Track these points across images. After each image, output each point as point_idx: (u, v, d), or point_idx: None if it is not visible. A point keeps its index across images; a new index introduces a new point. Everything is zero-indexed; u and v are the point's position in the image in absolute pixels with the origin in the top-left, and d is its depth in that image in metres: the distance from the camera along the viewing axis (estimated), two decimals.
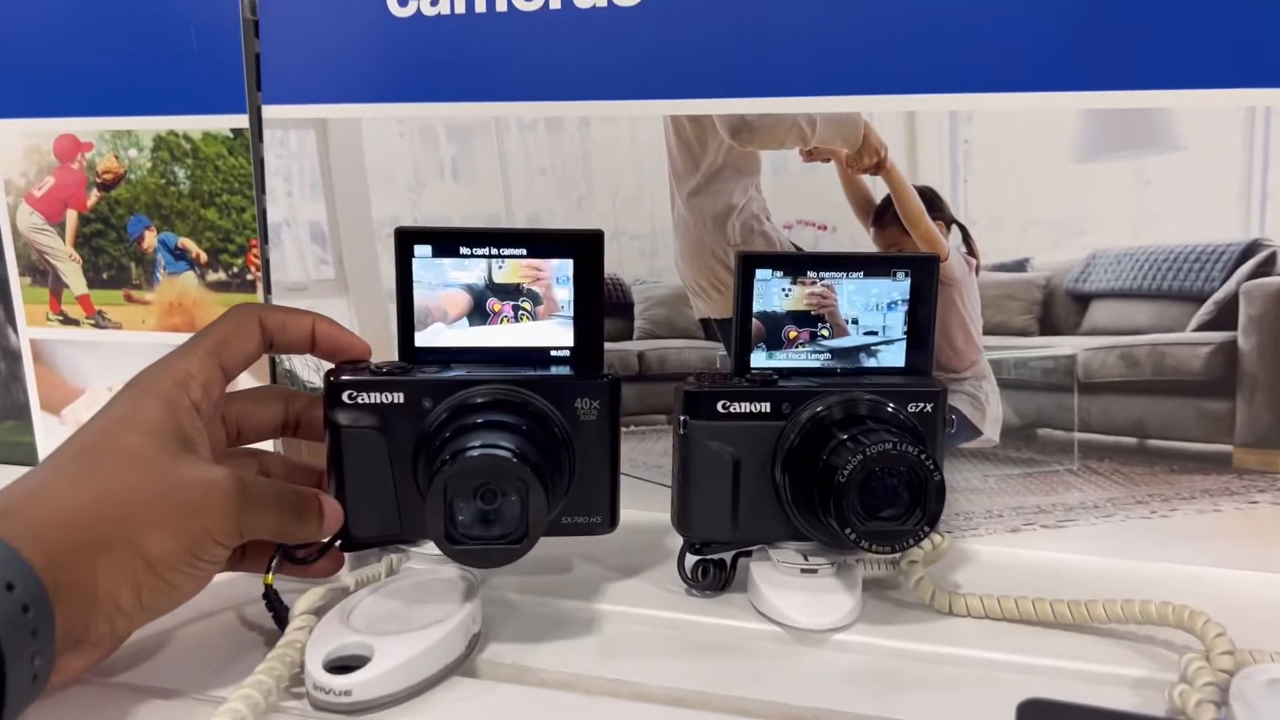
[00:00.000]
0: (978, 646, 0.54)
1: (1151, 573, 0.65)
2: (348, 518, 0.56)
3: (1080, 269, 0.65)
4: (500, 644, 0.55)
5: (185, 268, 0.83)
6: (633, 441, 0.75)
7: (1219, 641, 0.50)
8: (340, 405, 0.56)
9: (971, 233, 0.66)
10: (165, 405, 0.50)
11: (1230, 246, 0.62)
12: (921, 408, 0.58)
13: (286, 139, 0.78)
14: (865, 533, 0.53)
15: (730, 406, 0.58)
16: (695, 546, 0.61)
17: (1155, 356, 0.65)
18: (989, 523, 0.69)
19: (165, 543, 0.46)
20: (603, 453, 0.59)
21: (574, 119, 0.71)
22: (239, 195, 0.81)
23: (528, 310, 0.61)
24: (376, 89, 0.76)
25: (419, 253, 0.59)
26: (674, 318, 0.73)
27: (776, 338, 0.61)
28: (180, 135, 0.81)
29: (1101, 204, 0.63)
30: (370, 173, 0.77)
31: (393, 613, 0.53)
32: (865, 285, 0.61)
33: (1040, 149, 0.64)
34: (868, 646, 0.55)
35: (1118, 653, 0.54)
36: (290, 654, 0.49)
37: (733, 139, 0.68)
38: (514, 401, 0.56)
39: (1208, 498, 0.65)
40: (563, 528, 0.59)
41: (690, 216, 0.71)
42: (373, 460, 0.57)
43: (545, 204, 0.73)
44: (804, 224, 0.69)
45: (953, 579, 0.64)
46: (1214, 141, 0.61)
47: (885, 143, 0.66)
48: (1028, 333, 0.67)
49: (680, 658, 0.54)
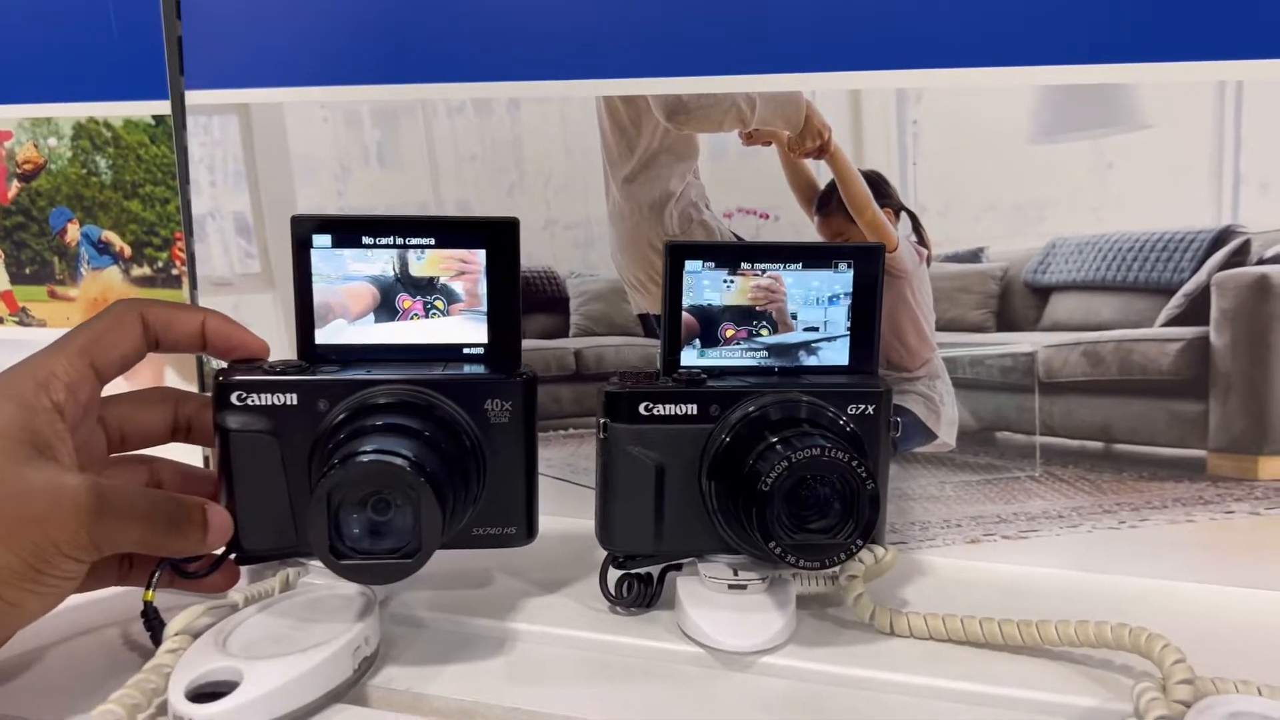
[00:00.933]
0: (917, 671, 0.50)
1: (1120, 587, 0.60)
2: (238, 529, 0.52)
3: (1039, 259, 0.60)
4: (398, 667, 0.51)
5: (109, 262, 0.79)
6: (571, 445, 0.71)
7: (1177, 669, 0.45)
8: (229, 408, 0.52)
9: (922, 220, 0.61)
10: (19, 408, 0.46)
11: (1200, 234, 0.57)
12: (862, 410, 0.54)
13: (210, 125, 0.74)
14: (791, 546, 0.49)
15: (654, 408, 0.54)
16: (619, 560, 0.56)
17: (1121, 354, 0.60)
18: (946, 533, 0.64)
19: (2, 557, 0.41)
20: (517, 459, 0.55)
21: (503, 100, 0.67)
22: (162, 186, 0.77)
23: (440, 309, 0.56)
24: (300, 72, 0.71)
25: (317, 243, 0.55)
26: (611, 313, 0.69)
27: (713, 334, 0.57)
28: (101, 123, 0.77)
29: (1061, 188, 0.59)
30: (294, 160, 0.73)
31: (276, 633, 0.49)
32: (805, 278, 0.56)
33: (995, 129, 0.59)
34: (796, 670, 0.50)
35: (1070, 679, 0.49)
36: (153, 680, 0.45)
37: (668, 121, 0.64)
38: (416, 403, 0.52)
39: (1180, 507, 0.60)
40: (473, 540, 0.55)
41: (626, 205, 0.66)
42: (264, 467, 0.52)
43: (475, 192, 0.69)
44: (745, 212, 0.64)
45: (903, 594, 0.59)
46: (1182, 119, 0.56)
47: (829, 124, 0.61)
48: (984, 328, 0.62)
49: (592, 683, 0.50)
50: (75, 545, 0.43)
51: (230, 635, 0.48)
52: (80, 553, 0.44)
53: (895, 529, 0.65)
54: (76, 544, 0.43)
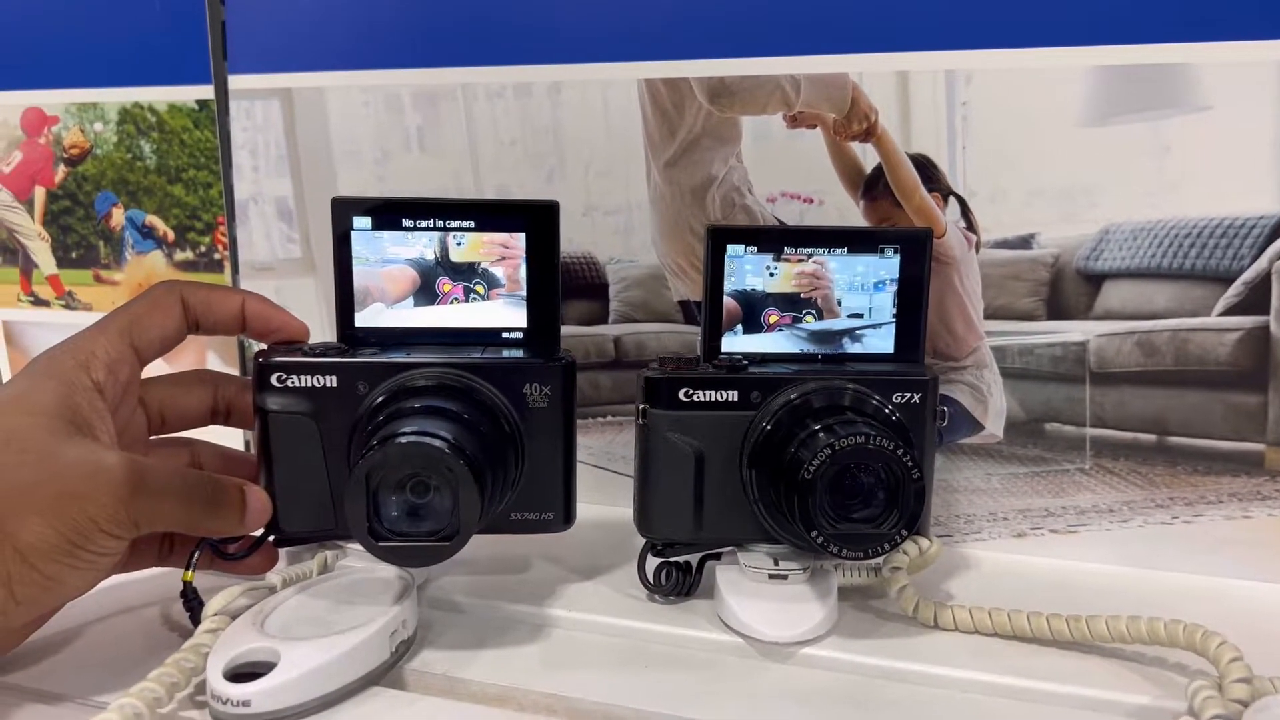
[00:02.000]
0: (962, 666, 0.49)
1: (1171, 584, 0.59)
2: (277, 510, 0.52)
3: (1092, 246, 0.59)
4: (434, 651, 0.51)
5: (153, 246, 0.80)
6: (610, 433, 0.70)
7: (1234, 667, 0.43)
8: (269, 389, 0.52)
9: (971, 205, 0.60)
10: (61, 386, 0.46)
11: (1261, 220, 0.55)
12: (907, 398, 0.53)
13: (252, 110, 0.74)
14: (834, 535, 0.48)
15: (694, 394, 0.53)
16: (657, 548, 0.55)
17: (1177, 344, 0.58)
18: (993, 526, 0.63)
19: (40, 531, 0.42)
20: (555, 444, 0.54)
21: (544, 84, 0.66)
22: (205, 170, 0.77)
23: (480, 293, 0.56)
24: (342, 56, 0.71)
25: (358, 225, 0.54)
26: (651, 300, 0.68)
27: (755, 320, 0.56)
28: (145, 107, 0.77)
29: (1115, 172, 0.57)
30: (335, 145, 0.73)
31: (313, 615, 0.49)
32: (850, 263, 0.55)
33: (1046, 112, 0.57)
34: (838, 662, 0.49)
35: (1121, 676, 0.48)
36: (192, 659, 0.45)
37: (711, 104, 0.63)
38: (455, 386, 0.52)
39: (1236, 502, 0.59)
40: (511, 524, 0.54)
41: (667, 189, 0.65)
42: (304, 448, 0.52)
43: (515, 176, 0.68)
44: (788, 197, 0.63)
45: (947, 588, 0.58)
46: (1242, 101, 0.54)
47: (876, 106, 0.60)
48: (1034, 317, 0.61)
49: (628, 671, 0.49)
50: (113, 522, 0.43)
51: (268, 616, 0.48)
52: (118, 529, 0.44)
53: (940, 521, 0.64)
54: (115, 520, 0.43)
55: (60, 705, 0.45)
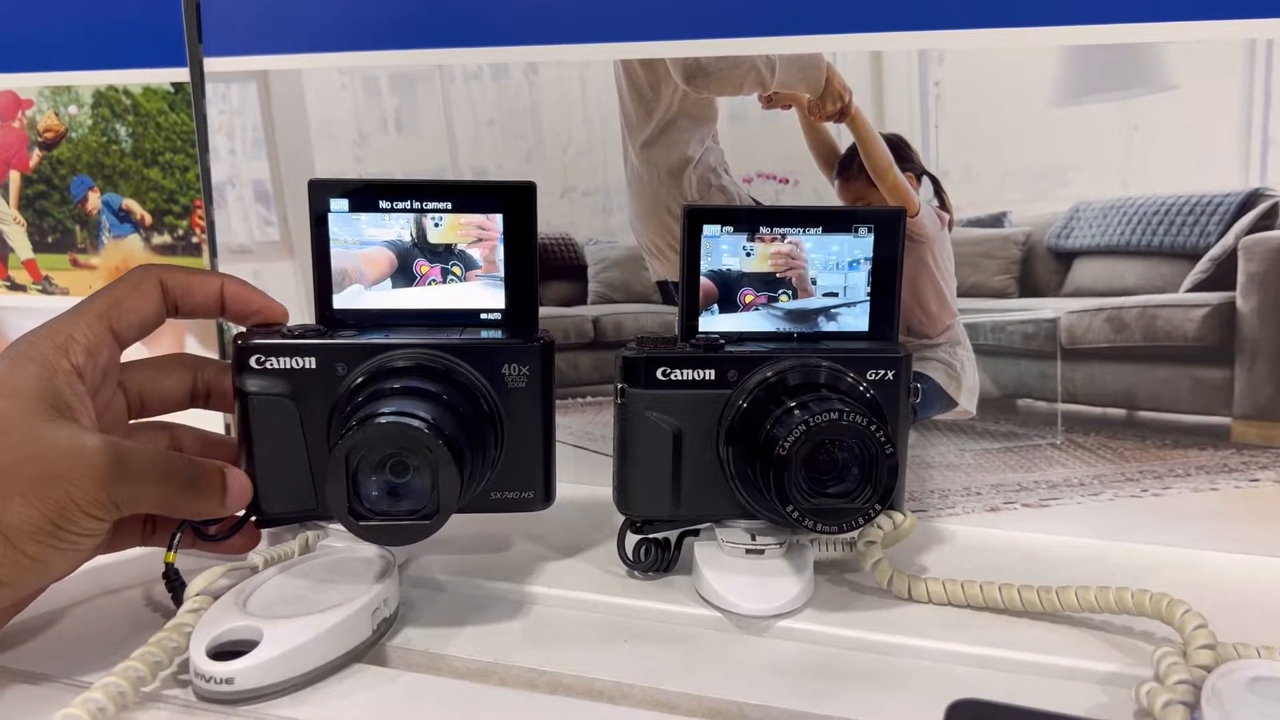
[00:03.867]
0: (935, 637, 0.50)
1: (1143, 556, 0.60)
2: (258, 491, 0.53)
3: (1062, 224, 0.59)
4: (416, 628, 0.51)
5: (130, 230, 0.80)
6: (589, 413, 0.71)
7: (1198, 634, 0.45)
8: (248, 371, 0.52)
9: (944, 184, 0.60)
10: (41, 369, 0.46)
11: (1228, 197, 0.56)
12: (881, 375, 0.53)
13: (228, 93, 0.74)
14: (809, 510, 0.49)
15: (671, 373, 0.53)
16: (636, 525, 0.56)
17: (1145, 320, 0.59)
18: (966, 501, 0.64)
19: (23, 512, 0.42)
20: (534, 423, 0.54)
21: (520, 65, 0.66)
22: (181, 154, 0.77)
23: (457, 275, 0.56)
24: (318, 38, 0.71)
25: (335, 207, 0.55)
26: (630, 280, 0.68)
27: (731, 300, 0.56)
28: (120, 90, 0.77)
29: (1085, 151, 0.58)
30: (313, 127, 0.72)
31: (295, 594, 0.49)
32: (824, 242, 0.56)
33: (1018, 91, 0.58)
34: (813, 635, 0.50)
35: (1089, 645, 0.49)
36: (174, 639, 0.46)
37: (687, 85, 0.63)
38: (433, 367, 0.52)
39: (1204, 475, 0.60)
40: (492, 503, 0.55)
41: (644, 170, 0.66)
42: (283, 430, 0.53)
43: (492, 158, 0.68)
44: (764, 177, 0.63)
45: (922, 562, 0.59)
46: (1209, 80, 0.55)
47: (850, 87, 0.61)
48: (1006, 294, 0.61)
49: (608, 645, 0.50)
50: (94, 503, 0.44)
51: (250, 596, 0.48)
52: (99, 511, 0.44)
53: (915, 497, 0.64)
54: (96, 502, 0.44)
55: (45, 685, 0.45)
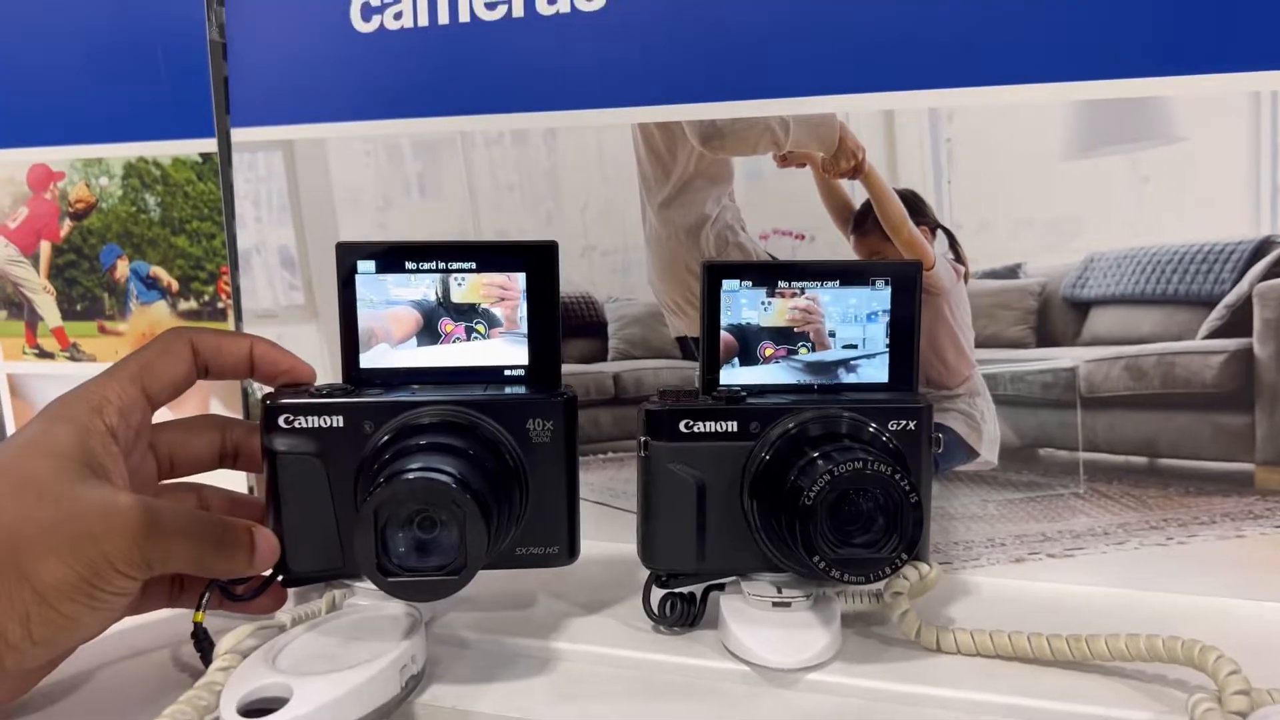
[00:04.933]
0: (965, 687, 0.49)
1: (1169, 605, 0.59)
2: (285, 550, 0.53)
3: (1077, 274, 0.60)
4: (444, 685, 0.51)
5: (157, 297, 0.81)
6: (610, 469, 0.71)
7: (1232, 680, 0.44)
8: (276, 430, 0.53)
9: (958, 237, 0.61)
10: (75, 430, 0.47)
11: (1240, 245, 0.57)
12: (903, 425, 0.54)
13: (255, 162, 0.76)
14: (836, 560, 0.49)
15: (694, 426, 0.54)
16: (661, 579, 0.56)
17: (1163, 367, 0.59)
18: (990, 552, 0.64)
19: (58, 571, 0.42)
20: (559, 478, 0.55)
21: (540, 131, 0.68)
22: (208, 221, 0.79)
23: (481, 332, 0.57)
24: (342, 107, 0.73)
25: (362, 269, 0.56)
26: (649, 337, 0.69)
27: (751, 353, 0.57)
28: (150, 161, 0.79)
29: (1097, 202, 0.59)
30: (337, 193, 0.74)
31: (324, 652, 0.49)
32: (842, 295, 0.57)
33: (1028, 145, 0.59)
34: (842, 687, 0.50)
35: (1121, 693, 0.48)
36: (205, 697, 0.46)
37: (703, 146, 0.65)
38: (459, 423, 0.53)
39: (1229, 522, 0.60)
40: (517, 559, 0.55)
41: (662, 229, 0.67)
42: (311, 489, 0.53)
43: (514, 221, 0.70)
44: (780, 234, 0.65)
45: (948, 614, 0.58)
46: (1217, 131, 0.56)
47: (863, 144, 0.62)
48: (1023, 344, 0.62)
49: (635, 699, 0.50)
50: (128, 562, 0.44)
51: (280, 653, 0.49)
52: (132, 569, 0.45)
53: (939, 549, 0.64)
54: (129, 560, 0.44)
55: None
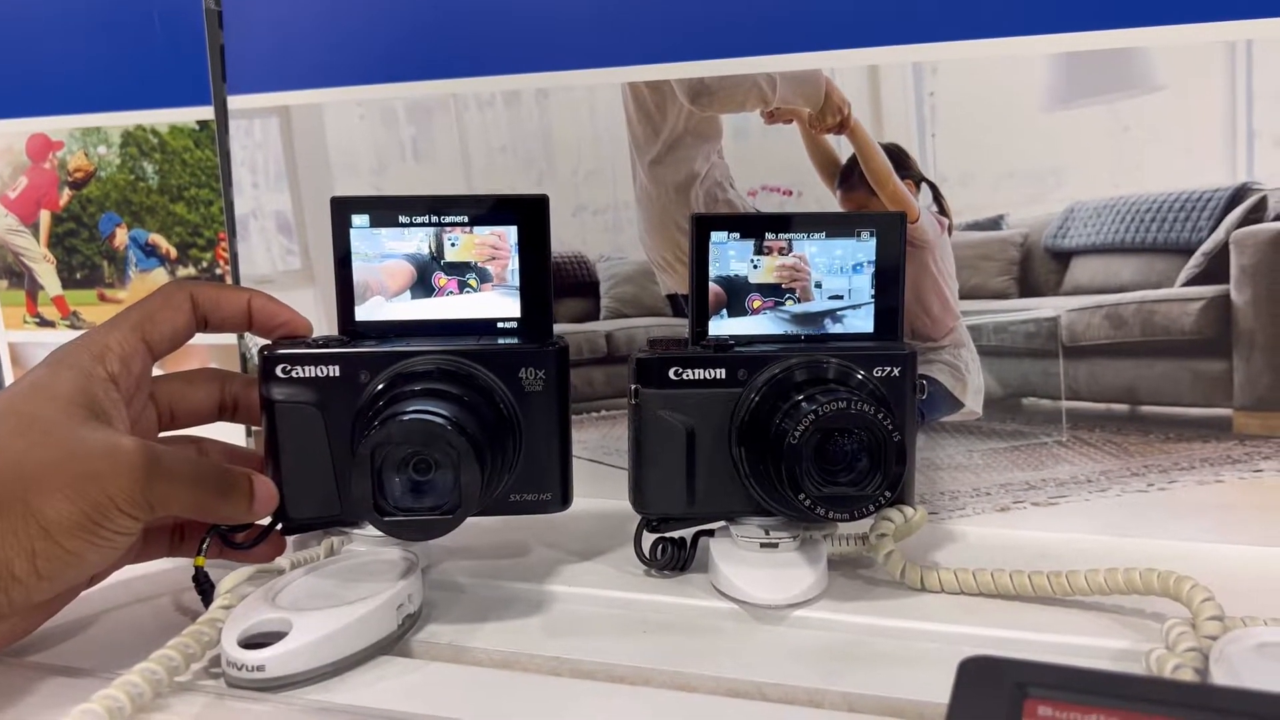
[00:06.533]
0: (947, 621, 0.51)
1: (1151, 550, 0.61)
2: (284, 498, 0.54)
3: (1059, 224, 0.61)
4: (440, 625, 0.52)
5: (156, 264, 0.82)
6: (604, 427, 0.72)
7: (1206, 606, 0.46)
8: (274, 380, 0.54)
9: (942, 190, 0.63)
10: (78, 375, 0.48)
11: (1217, 192, 0.58)
12: (888, 372, 0.55)
13: (251, 128, 0.77)
14: (820, 498, 0.50)
15: (683, 373, 0.55)
16: (652, 524, 0.57)
17: (1143, 315, 0.61)
18: (976, 501, 0.65)
19: (63, 508, 0.43)
20: (551, 425, 0.56)
21: (531, 92, 0.69)
22: (206, 188, 0.80)
23: (473, 286, 0.58)
24: (337, 72, 0.74)
25: (356, 223, 0.57)
26: (641, 295, 0.70)
27: (739, 305, 0.58)
28: (148, 130, 0.80)
29: (1078, 153, 0.60)
30: (333, 158, 0.75)
31: (323, 591, 0.50)
32: (828, 246, 0.58)
33: (1010, 98, 0.60)
34: (828, 622, 0.51)
35: (1100, 625, 0.50)
36: (207, 631, 0.47)
37: (692, 104, 0.66)
38: (453, 372, 0.54)
39: (1208, 467, 0.61)
40: (511, 506, 0.56)
41: (653, 187, 0.68)
42: (309, 437, 0.54)
43: (506, 182, 0.71)
44: (769, 190, 0.66)
45: (934, 561, 0.60)
46: (1194, 80, 0.57)
47: (848, 100, 0.63)
48: (1006, 295, 0.63)
49: (628, 636, 0.51)
50: (130, 502, 0.45)
51: (279, 593, 0.50)
52: (134, 509, 0.46)
53: (925, 499, 0.66)
54: (131, 500, 0.45)
55: (82, 678, 0.46)
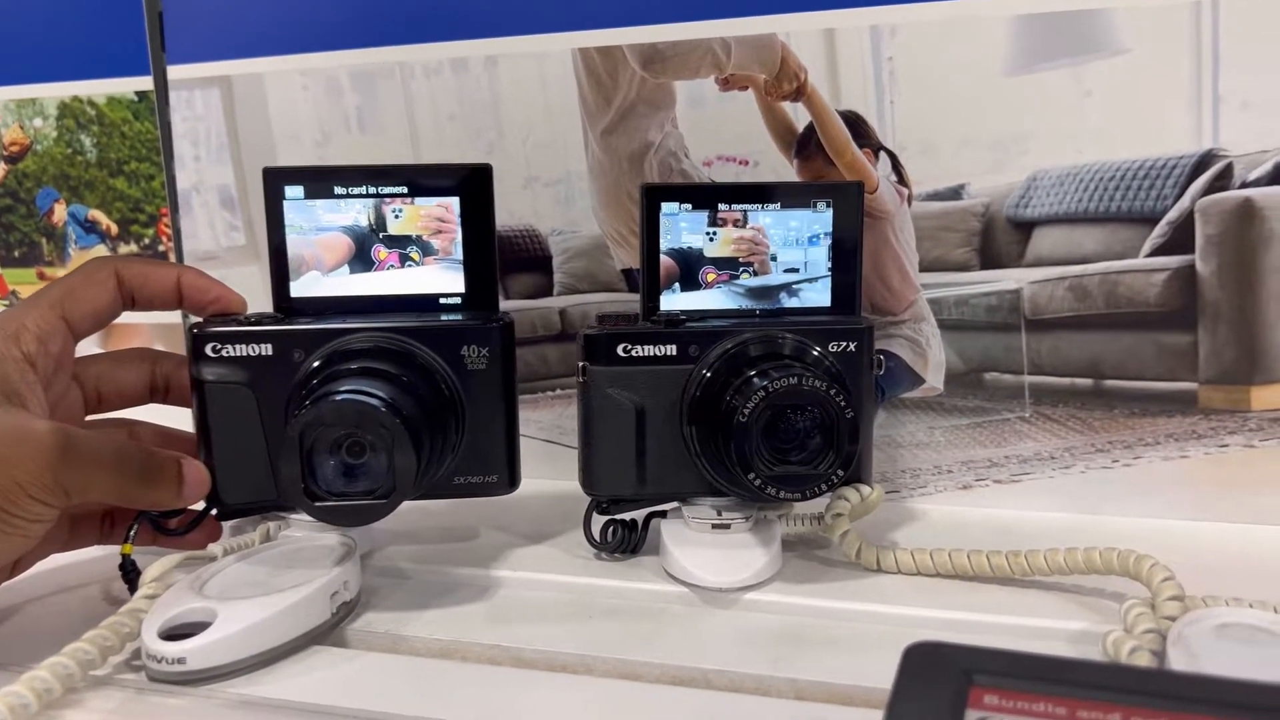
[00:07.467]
0: (902, 603, 0.49)
1: (1116, 528, 0.59)
2: (217, 482, 0.52)
3: (1020, 193, 0.60)
4: (378, 612, 0.50)
5: (97, 241, 0.80)
6: (558, 406, 0.70)
7: (1166, 586, 0.44)
8: (204, 359, 0.51)
9: (901, 159, 0.61)
10: None
11: (1182, 159, 0.56)
12: (843, 347, 0.53)
13: (192, 100, 0.74)
14: (771, 478, 0.48)
15: (632, 350, 0.53)
16: (602, 505, 0.56)
17: (1107, 287, 0.59)
18: (938, 479, 0.64)
19: None
20: (496, 405, 0.54)
21: (479, 59, 0.67)
22: (147, 162, 0.77)
23: (415, 260, 0.56)
24: (279, 40, 0.71)
25: (290, 194, 0.54)
26: (595, 270, 0.68)
27: (693, 279, 0.56)
28: (85, 101, 0.77)
29: (1040, 119, 0.58)
30: (276, 130, 0.73)
31: (253, 579, 0.48)
32: (783, 218, 0.56)
33: (970, 62, 0.58)
34: (780, 605, 0.50)
35: (1059, 606, 0.48)
36: (127, 623, 0.45)
37: (645, 70, 0.64)
38: (391, 350, 0.51)
39: (1173, 442, 0.59)
40: (455, 489, 0.54)
41: (605, 158, 0.66)
42: (241, 419, 0.52)
43: (455, 153, 0.68)
44: (724, 160, 0.63)
45: (895, 540, 0.58)
46: (1158, 42, 0.55)
47: (804, 65, 0.61)
48: (968, 267, 0.61)
49: (573, 622, 0.49)
50: (41, 488, 0.43)
51: (208, 581, 0.48)
52: (47, 496, 0.43)
53: (886, 477, 0.64)
54: (43, 486, 0.43)
55: None
